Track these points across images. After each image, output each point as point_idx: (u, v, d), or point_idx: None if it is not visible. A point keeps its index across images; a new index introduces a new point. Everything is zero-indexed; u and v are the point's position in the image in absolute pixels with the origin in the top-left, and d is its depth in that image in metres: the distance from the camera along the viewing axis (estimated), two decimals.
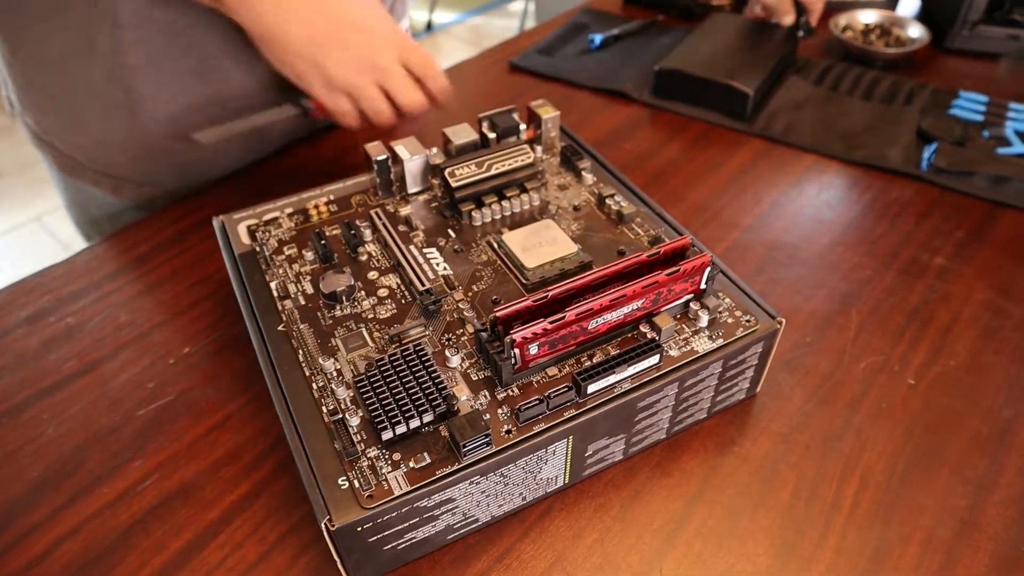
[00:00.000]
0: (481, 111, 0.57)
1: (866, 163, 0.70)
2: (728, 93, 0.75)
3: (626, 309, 0.42)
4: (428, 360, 0.41)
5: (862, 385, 0.50)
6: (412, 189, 0.55)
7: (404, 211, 0.53)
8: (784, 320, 0.45)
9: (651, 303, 0.43)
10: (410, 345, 0.41)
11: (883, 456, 0.46)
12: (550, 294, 0.41)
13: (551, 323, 0.39)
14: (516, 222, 0.52)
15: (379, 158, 0.52)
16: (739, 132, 0.75)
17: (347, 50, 0.56)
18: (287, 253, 0.50)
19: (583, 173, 0.55)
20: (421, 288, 0.45)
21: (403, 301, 0.46)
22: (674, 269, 0.42)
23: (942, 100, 0.77)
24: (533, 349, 0.40)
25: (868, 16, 0.89)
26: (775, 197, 0.67)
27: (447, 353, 0.42)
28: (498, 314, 0.40)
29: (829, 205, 0.66)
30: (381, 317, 0.45)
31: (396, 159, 0.54)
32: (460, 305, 0.46)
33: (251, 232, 0.52)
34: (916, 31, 0.85)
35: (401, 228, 0.52)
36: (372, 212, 0.52)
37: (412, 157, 0.53)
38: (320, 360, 0.42)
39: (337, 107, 0.58)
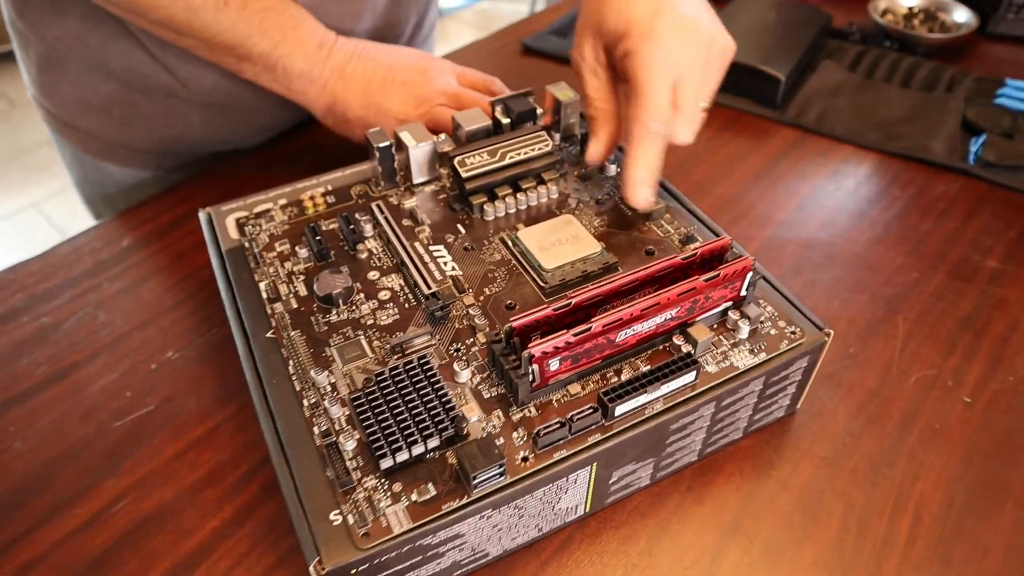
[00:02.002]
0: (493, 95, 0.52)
1: (907, 155, 0.65)
2: (758, 78, 0.70)
3: (659, 319, 0.37)
4: (434, 375, 0.36)
5: (913, 402, 0.45)
6: (418, 179, 0.50)
7: (409, 204, 0.48)
8: (832, 332, 0.40)
9: (686, 312, 0.38)
10: (414, 357, 0.37)
11: (939, 485, 0.41)
12: (573, 301, 0.36)
13: (575, 335, 0.34)
14: (532, 217, 0.47)
15: (381, 145, 0.48)
16: (769, 120, 0.70)
17: (407, 89, 0.55)
18: (279, 250, 0.46)
19: (605, 163, 0.50)
20: (427, 291, 0.41)
21: (406, 305, 0.42)
22: (713, 274, 0.37)
23: (987, 88, 0.72)
24: (554, 364, 0.35)
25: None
26: (809, 191, 0.62)
27: (456, 367, 0.38)
28: (514, 324, 0.35)
29: (868, 200, 0.61)
30: (382, 323, 0.41)
31: (400, 146, 0.49)
32: (470, 311, 0.41)
33: (240, 226, 0.48)
34: (963, 15, 0.80)
35: (405, 223, 0.47)
36: (373, 205, 0.47)
37: (418, 144, 0.48)
38: (312, 373, 0.38)
39: None
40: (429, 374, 0.36)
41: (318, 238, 0.45)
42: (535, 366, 0.35)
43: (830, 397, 0.46)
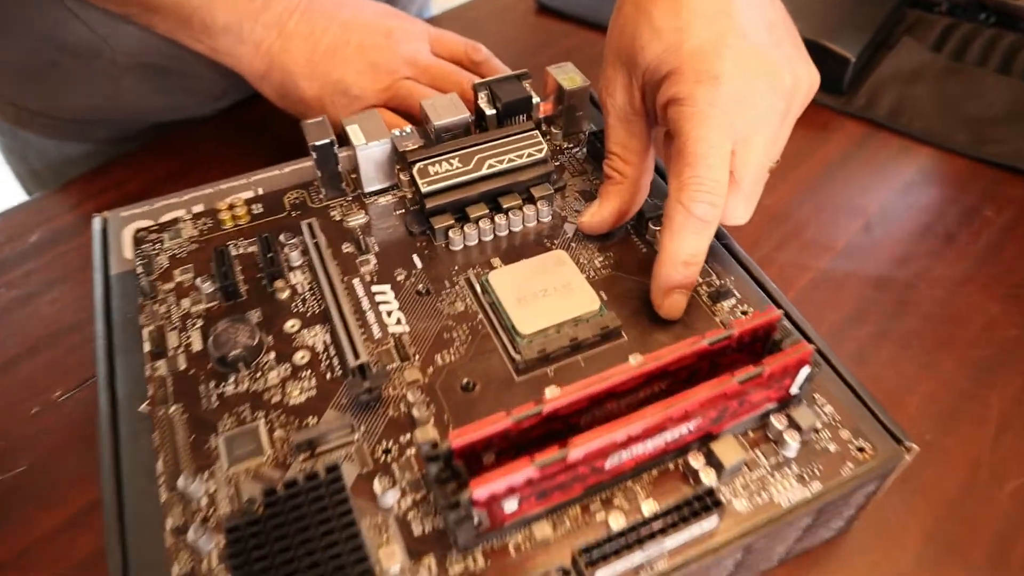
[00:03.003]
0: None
1: (1005, 164, 0.51)
2: (820, 57, 0.56)
3: (669, 436, 0.26)
4: (343, 501, 0.25)
5: (1010, 524, 0.34)
6: (370, 187, 0.38)
7: (355, 221, 0.37)
8: (916, 447, 0.28)
9: (710, 422, 0.27)
10: (322, 468, 0.26)
11: None
12: (544, 410, 0.25)
13: (541, 467, 0.23)
14: (514, 249, 0.36)
15: (319, 143, 0.36)
16: (832, 111, 0.56)
17: (364, 55, 0.43)
18: (179, 279, 0.35)
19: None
20: (353, 362, 0.30)
21: (328, 376, 0.31)
22: (754, 372, 0.26)
23: None
24: (510, 505, 0.24)
25: None
26: (879, 208, 0.49)
27: (377, 485, 0.27)
28: (454, 444, 0.24)
29: (955, 223, 0.48)
30: (292, 402, 0.30)
31: (348, 143, 0.37)
32: (409, 395, 0.30)
33: (138, 241, 0.37)
34: None
35: (346, 248, 0.36)
36: (304, 224, 0.36)
37: (368, 144, 0.36)
38: (182, 481, 0.27)
39: None
40: (337, 499, 0.25)
41: (225, 269, 0.34)
42: (482, 510, 0.24)
43: (895, 508, 0.34)
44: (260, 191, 0.39)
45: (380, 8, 0.46)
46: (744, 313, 0.32)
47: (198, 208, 0.38)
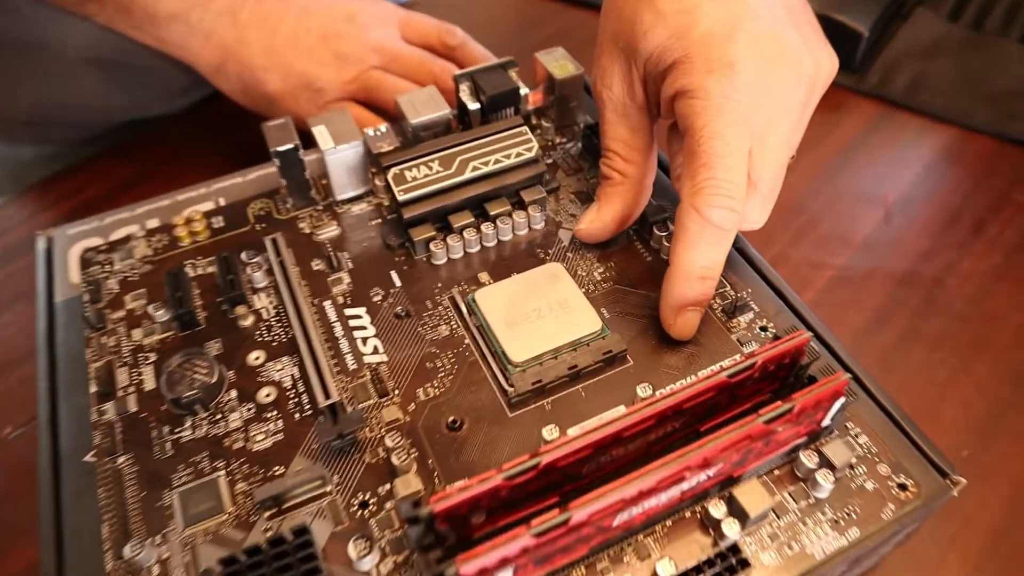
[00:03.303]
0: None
1: None
2: (831, 32, 0.52)
3: (686, 485, 0.22)
4: (314, 570, 0.22)
5: None
6: (342, 195, 0.34)
7: (326, 234, 0.33)
8: (963, 480, 0.25)
9: (732, 466, 0.23)
10: (288, 530, 0.22)
11: None
12: (541, 462, 0.21)
13: (537, 535, 0.20)
14: (503, 261, 0.32)
15: (282, 149, 0.32)
16: (844, 90, 0.52)
17: (328, 44, 0.39)
18: (130, 306, 0.31)
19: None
20: (323, 401, 0.26)
21: (298, 416, 0.27)
22: (782, 409, 0.22)
23: None
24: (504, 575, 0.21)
25: None
26: (899, 195, 0.45)
27: (352, 549, 0.23)
28: (436, 508, 0.20)
29: (987, 208, 0.44)
30: (256, 448, 0.26)
31: (315, 146, 0.33)
32: (387, 439, 0.26)
33: (85, 263, 0.33)
34: None
35: (316, 266, 0.32)
36: (268, 240, 0.32)
37: (337, 148, 0.32)
38: (128, 549, 0.24)
39: None
40: (307, 568, 0.22)
41: (180, 294, 0.30)
42: None
43: (934, 536, 0.31)
44: (222, 201, 0.35)
45: None
46: (763, 329, 0.29)
47: (153, 223, 0.35)
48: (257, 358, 0.29)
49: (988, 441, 0.34)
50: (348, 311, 0.30)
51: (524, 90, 0.35)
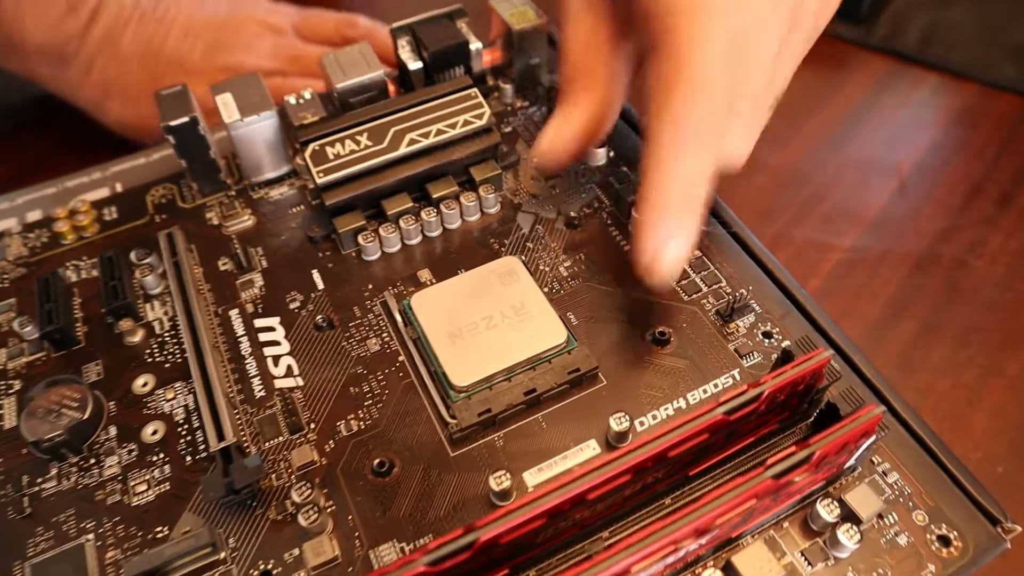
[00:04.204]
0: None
1: None
2: None
3: (672, 558, 0.17)
4: None
5: None
6: (258, 177, 0.29)
7: (236, 226, 0.28)
8: (1019, 528, 0.20)
9: (731, 528, 0.18)
10: None
11: None
12: (480, 538, 0.16)
13: None
14: (450, 255, 0.26)
15: (176, 123, 0.26)
16: (849, 43, 0.46)
17: (214, 58, 0.36)
18: None
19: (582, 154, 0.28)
20: (216, 444, 0.21)
21: (189, 460, 0.22)
22: (798, 458, 0.17)
23: None
24: None
25: None
26: (916, 162, 0.40)
27: None
28: None
29: (1014, 177, 0.39)
30: (135, 502, 0.21)
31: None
32: (295, 493, 0.21)
33: None
34: None
35: (223, 266, 0.26)
36: (162, 235, 0.26)
37: (246, 119, 0.27)
38: None
39: None
40: None
41: (50, 306, 0.24)
42: None
43: None
44: (119, 187, 0.30)
45: None
46: (767, 336, 0.23)
47: (35, 215, 0.29)
48: (145, 384, 0.23)
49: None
50: (259, 322, 0.25)
51: (476, 44, 0.29)
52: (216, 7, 0.38)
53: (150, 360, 0.24)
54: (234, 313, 0.25)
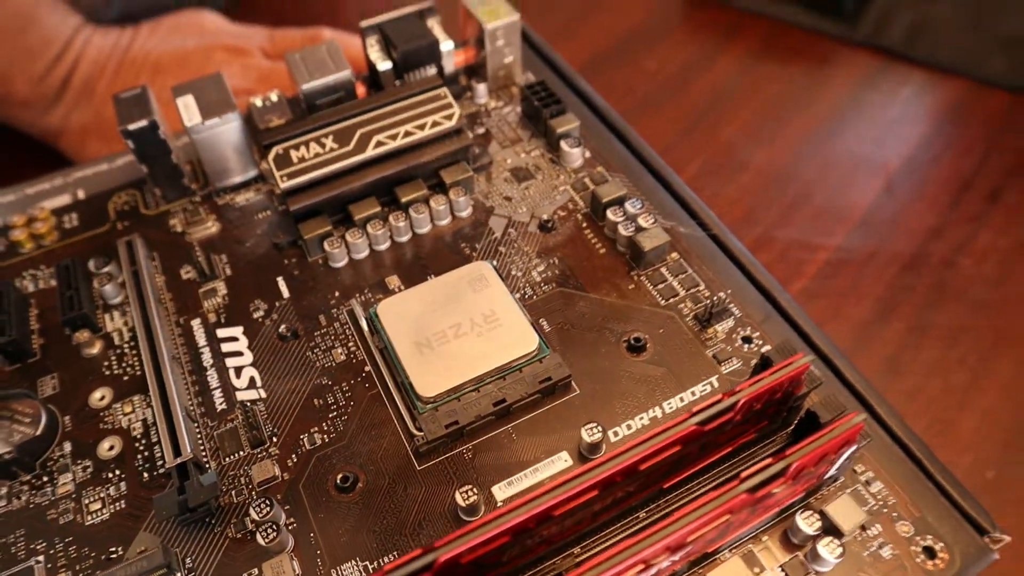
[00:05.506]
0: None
1: None
2: None
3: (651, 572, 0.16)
4: None
5: None
6: (224, 182, 0.28)
7: (199, 232, 0.27)
8: (1006, 538, 0.19)
9: (705, 544, 0.17)
10: None
11: None
12: (439, 558, 0.15)
13: None
14: (419, 262, 0.25)
15: (133, 126, 0.25)
16: (833, 39, 0.46)
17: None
18: None
19: (564, 144, 0.27)
20: (172, 461, 0.20)
21: (145, 478, 0.21)
22: (774, 469, 0.16)
23: None
24: None
25: None
26: (904, 160, 0.39)
27: None
28: None
29: (1004, 173, 0.38)
30: (89, 522, 0.20)
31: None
32: (253, 512, 0.20)
33: None
34: None
35: (186, 274, 0.25)
36: (123, 242, 0.25)
37: (207, 123, 0.26)
38: None
39: None
40: None
41: (2, 318, 0.23)
42: None
43: None
44: (81, 194, 0.29)
45: (193, 30, 0.39)
46: (747, 341, 0.23)
47: None
48: (102, 398, 0.23)
49: (1018, 456, 0.28)
50: (221, 332, 0.24)
51: (448, 43, 0.29)
52: (184, 41, 0.38)
53: (108, 373, 0.23)
54: (196, 323, 0.24)
